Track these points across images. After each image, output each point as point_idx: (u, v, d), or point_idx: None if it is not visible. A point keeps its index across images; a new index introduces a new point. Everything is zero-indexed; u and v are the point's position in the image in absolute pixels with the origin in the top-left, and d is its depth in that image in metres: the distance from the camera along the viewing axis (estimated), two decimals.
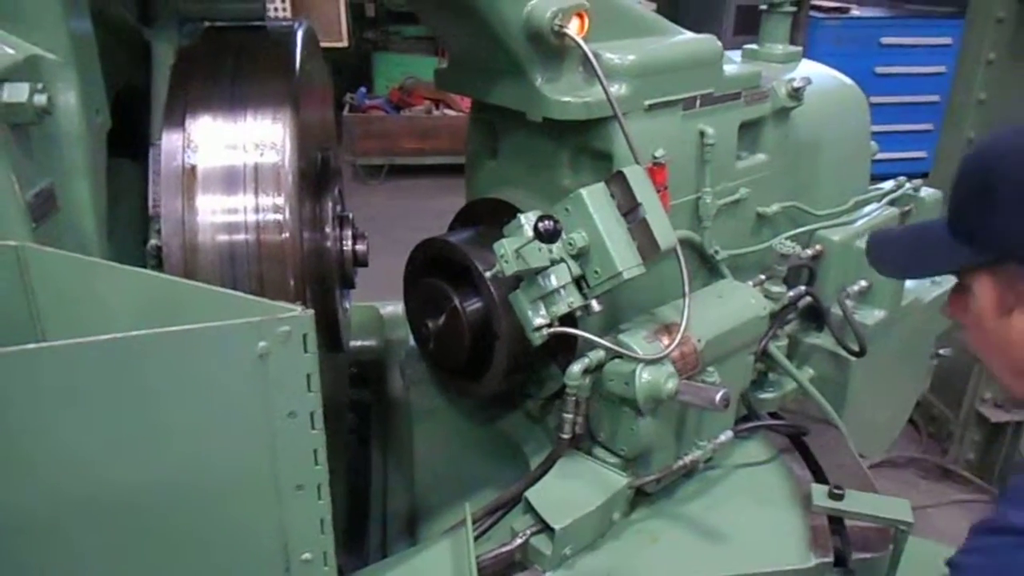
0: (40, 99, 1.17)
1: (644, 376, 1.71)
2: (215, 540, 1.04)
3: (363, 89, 7.75)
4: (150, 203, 1.53)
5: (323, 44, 1.97)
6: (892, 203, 2.48)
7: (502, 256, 1.60)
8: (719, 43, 2.00)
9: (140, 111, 1.70)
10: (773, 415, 2.28)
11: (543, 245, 1.58)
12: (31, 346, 0.85)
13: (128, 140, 1.74)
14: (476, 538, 1.90)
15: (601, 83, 1.71)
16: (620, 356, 1.73)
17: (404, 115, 7.53)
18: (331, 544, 1.13)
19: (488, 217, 2.04)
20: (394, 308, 2.73)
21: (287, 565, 1.09)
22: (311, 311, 1.00)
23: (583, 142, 1.89)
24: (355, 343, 2.69)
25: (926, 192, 2.61)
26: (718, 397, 1.61)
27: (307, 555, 1.12)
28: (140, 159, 1.73)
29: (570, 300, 1.66)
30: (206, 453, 1.00)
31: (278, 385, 1.01)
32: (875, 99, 2.56)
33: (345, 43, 7.53)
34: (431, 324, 1.99)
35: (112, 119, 1.58)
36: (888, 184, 2.56)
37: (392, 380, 2.65)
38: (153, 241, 1.48)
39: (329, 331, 1.81)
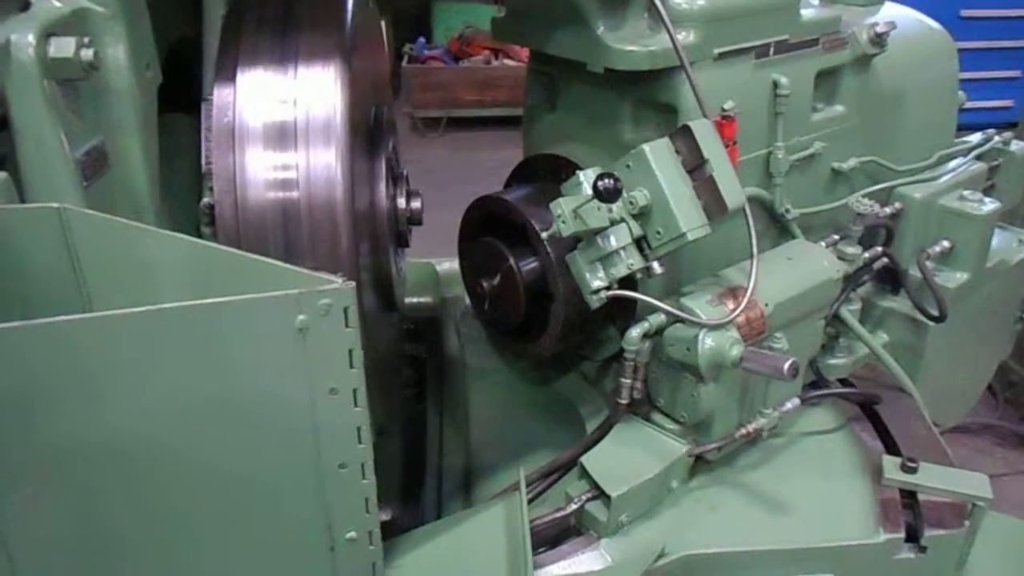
0: (87, 53, 1.14)
1: (707, 342, 1.64)
2: (257, 517, 1.02)
3: (422, 39, 7.65)
4: (203, 160, 1.50)
5: None
6: (979, 158, 2.32)
7: (559, 216, 1.53)
8: None
9: (195, 64, 1.67)
10: (843, 382, 2.18)
11: (602, 204, 1.51)
12: (67, 318, 0.83)
13: (184, 94, 1.71)
14: (530, 501, 1.87)
15: (667, 30, 1.61)
16: (682, 320, 1.66)
17: (463, 66, 7.42)
18: (376, 523, 1.10)
19: (546, 173, 1.96)
20: (451, 265, 2.69)
21: (332, 544, 1.06)
22: (352, 283, 0.96)
23: (647, 94, 1.79)
24: (411, 300, 2.67)
25: (1016, 146, 2.44)
26: (786, 366, 1.53)
27: (352, 534, 1.09)
28: (196, 113, 1.70)
29: (630, 262, 1.59)
30: (246, 428, 0.97)
31: (319, 360, 0.98)
32: (959, 44, 2.37)
33: None
34: (486, 284, 1.94)
35: (166, 73, 1.56)
36: (976, 137, 2.39)
37: (448, 338, 2.63)
38: (206, 199, 1.46)
39: (383, 290, 1.78)
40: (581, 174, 1.59)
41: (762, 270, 1.71)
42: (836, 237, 2.05)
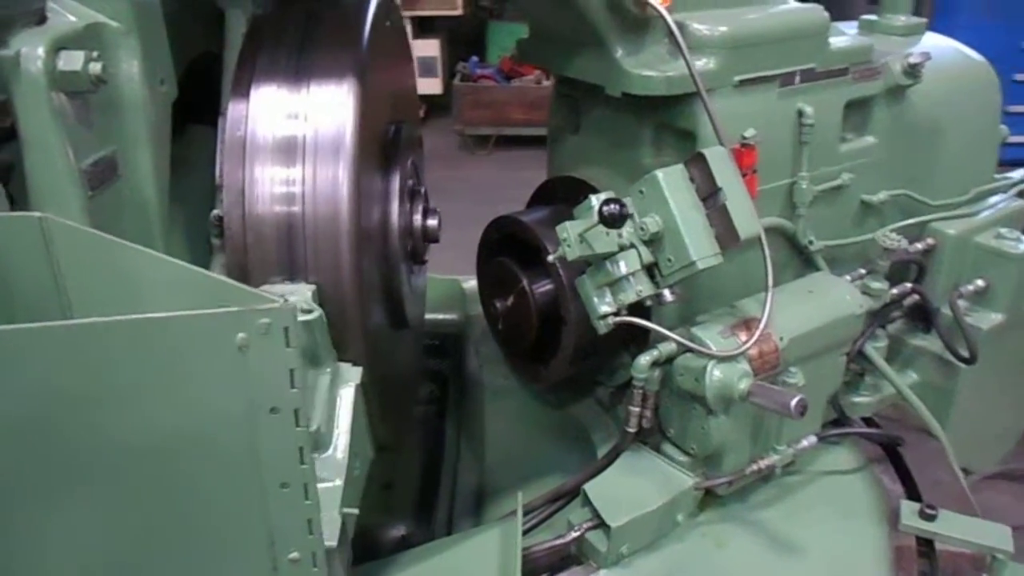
0: (95, 67, 1.18)
1: (715, 374, 1.60)
2: (199, 533, 1.02)
3: (475, 58, 7.72)
4: (217, 172, 1.53)
5: (436, 12, 1.92)
6: (1021, 194, 2.23)
7: (564, 239, 1.52)
8: (825, 13, 1.83)
9: (219, 79, 1.71)
10: (867, 421, 2.11)
11: (610, 230, 1.49)
12: (3, 328, 0.84)
13: (209, 108, 1.75)
14: (532, 527, 1.85)
15: (683, 56, 1.59)
16: (691, 350, 1.63)
17: (513, 85, 7.46)
18: (321, 545, 1.09)
19: (565, 195, 1.95)
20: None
21: (274, 564, 1.06)
22: (292, 303, 0.96)
23: (666, 119, 1.77)
24: (435, 316, 2.68)
25: None
26: (793, 403, 1.48)
27: (295, 555, 1.08)
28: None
29: (639, 288, 1.56)
30: (187, 444, 0.97)
31: (259, 379, 0.97)
32: (1021, 76, 2.28)
33: (459, 11, 7.53)
34: (499, 304, 1.93)
35: (192, 87, 1.59)
36: (1018, 173, 2.30)
37: (468, 356, 2.63)
38: (215, 211, 1.49)
39: (392, 307, 1.78)
40: (593, 198, 1.57)
41: (780, 302, 1.67)
42: (863, 271, 1.99)
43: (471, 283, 2.81)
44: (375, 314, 1.65)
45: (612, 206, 1.42)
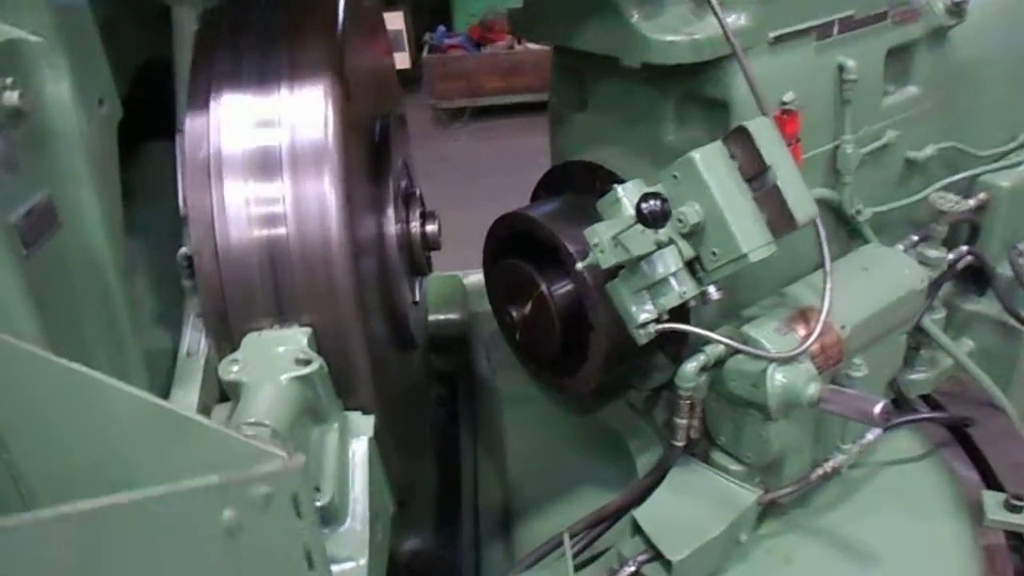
0: (11, 97, 0.94)
1: (777, 378, 1.40)
2: None
3: (442, 27, 7.39)
4: (180, 202, 1.30)
5: None
6: None
7: (596, 245, 1.30)
8: None
9: (168, 87, 1.46)
10: (925, 399, 1.92)
11: (648, 229, 1.27)
12: None
13: (165, 120, 1.51)
14: (575, 555, 1.66)
15: (715, 13, 1.36)
16: (747, 354, 1.42)
17: (485, 52, 7.14)
18: None
19: (578, 183, 1.73)
20: (479, 277, 2.47)
21: None
22: (301, 458, 0.71)
23: (692, 89, 1.54)
24: (436, 317, 2.46)
25: None
26: (877, 410, 1.28)
27: None
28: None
29: (682, 290, 1.35)
30: None
31: (261, 570, 0.70)
32: None
33: None
34: (515, 312, 1.71)
35: (139, 97, 1.35)
36: None
37: (478, 359, 2.42)
38: (183, 250, 1.26)
39: (397, 329, 1.56)
40: (619, 190, 1.35)
41: (835, 285, 1.47)
42: (915, 238, 1.79)
43: (472, 278, 2.59)
44: (380, 338, 1.43)
45: (652, 203, 1.20)
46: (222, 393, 1.20)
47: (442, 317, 2.51)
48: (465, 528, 2.15)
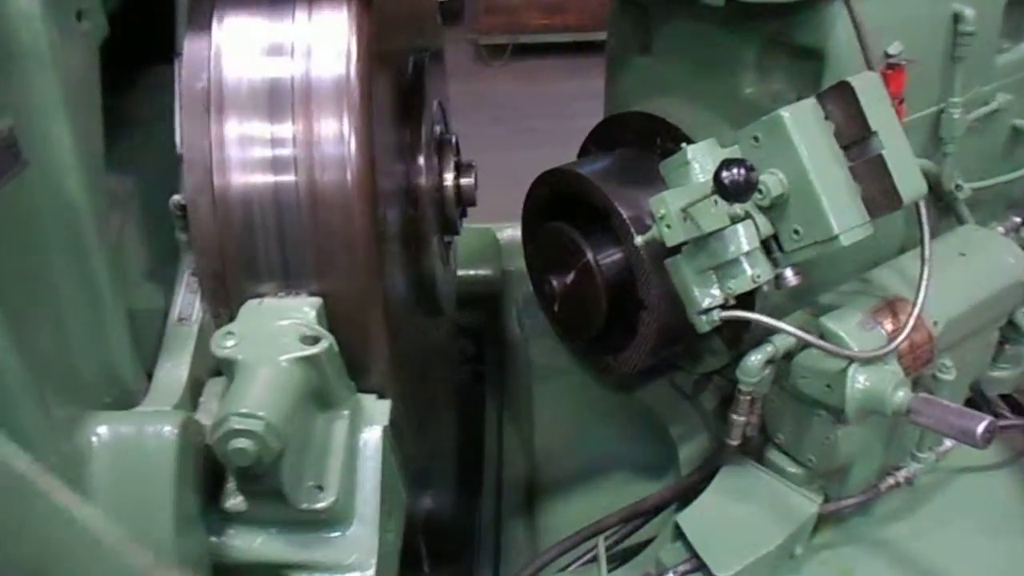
0: None
1: (859, 380, 1.21)
2: None
3: None
4: (177, 140, 1.11)
5: None
6: None
7: (662, 218, 1.10)
8: None
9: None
10: (1005, 399, 1.72)
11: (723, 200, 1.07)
12: None
13: (167, 41, 1.31)
14: (610, 547, 1.52)
15: None
16: (825, 350, 1.22)
17: None
18: None
19: (635, 138, 1.52)
20: (514, 232, 2.27)
21: None
22: None
23: (780, 34, 1.32)
24: (465, 272, 2.28)
25: None
26: (980, 429, 1.08)
27: None
28: None
29: (756, 272, 1.15)
30: None
31: None
32: None
33: None
34: (555, 282, 1.52)
35: (134, 14, 1.16)
36: None
37: (509, 320, 2.25)
38: (176, 197, 1.08)
39: (422, 296, 1.38)
40: (689, 151, 1.15)
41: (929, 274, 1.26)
42: (1018, 220, 1.56)
43: (507, 232, 2.40)
44: (403, 316, 1.26)
45: (736, 171, 0.99)
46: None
47: (472, 272, 2.33)
48: (486, 500, 2.02)
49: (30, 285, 0.90)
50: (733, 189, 0.99)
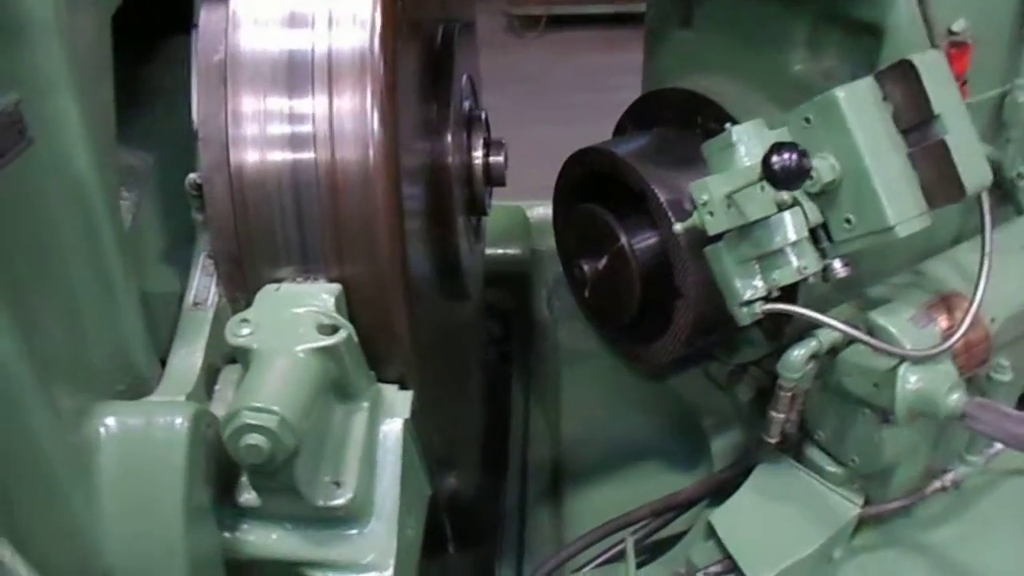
0: None
1: (911, 380, 1.13)
2: None
3: None
4: (194, 114, 1.07)
5: None
6: None
7: (704, 204, 1.03)
8: None
9: None
10: None
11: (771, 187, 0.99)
12: None
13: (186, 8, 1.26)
14: (638, 541, 1.47)
15: None
16: (875, 348, 1.15)
17: None
18: None
19: (674, 116, 1.44)
20: (545, 210, 2.21)
21: None
22: None
23: (835, 8, 1.23)
24: (493, 250, 2.22)
25: None
26: None
27: None
28: None
29: (803, 264, 1.08)
30: None
31: None
32: None
33: None
34: (587, 267, 1.46)
35: None
36: None
37: (538, 302, 2.19)
38: (192, 176, 1.03)
39: (448, 280, 1.33)
40: (734, 132, 1.07)
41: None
42: None
43: (537, 211, 2.34)
44: (428, 301, 1.20)
45: (787, 156, 0.92)
46: None
47: (501, 251, 2.28)
48: (511, 485, 1.98)
49: (37, 268, 0.86)
50: (784, 175, 0.92)
